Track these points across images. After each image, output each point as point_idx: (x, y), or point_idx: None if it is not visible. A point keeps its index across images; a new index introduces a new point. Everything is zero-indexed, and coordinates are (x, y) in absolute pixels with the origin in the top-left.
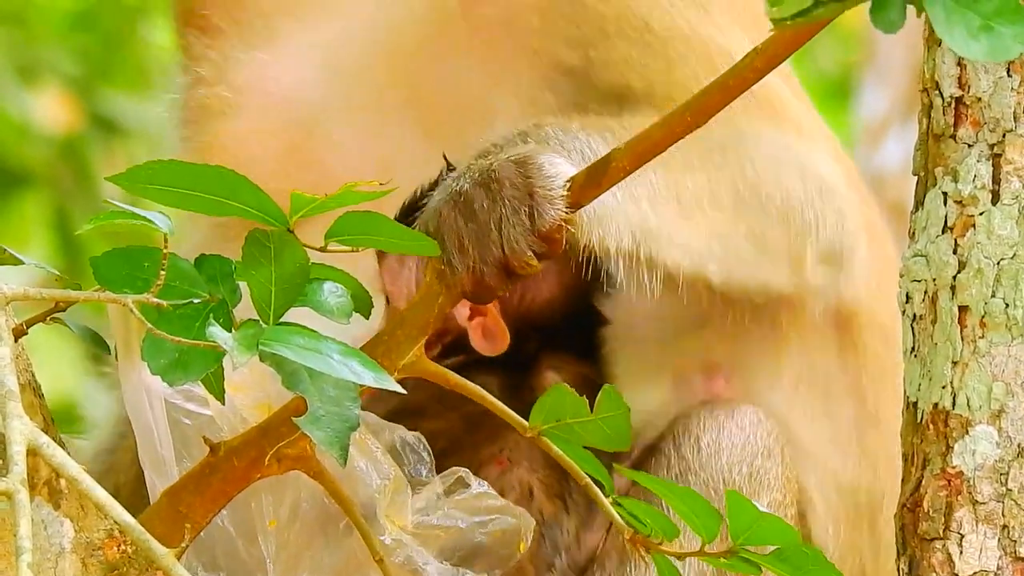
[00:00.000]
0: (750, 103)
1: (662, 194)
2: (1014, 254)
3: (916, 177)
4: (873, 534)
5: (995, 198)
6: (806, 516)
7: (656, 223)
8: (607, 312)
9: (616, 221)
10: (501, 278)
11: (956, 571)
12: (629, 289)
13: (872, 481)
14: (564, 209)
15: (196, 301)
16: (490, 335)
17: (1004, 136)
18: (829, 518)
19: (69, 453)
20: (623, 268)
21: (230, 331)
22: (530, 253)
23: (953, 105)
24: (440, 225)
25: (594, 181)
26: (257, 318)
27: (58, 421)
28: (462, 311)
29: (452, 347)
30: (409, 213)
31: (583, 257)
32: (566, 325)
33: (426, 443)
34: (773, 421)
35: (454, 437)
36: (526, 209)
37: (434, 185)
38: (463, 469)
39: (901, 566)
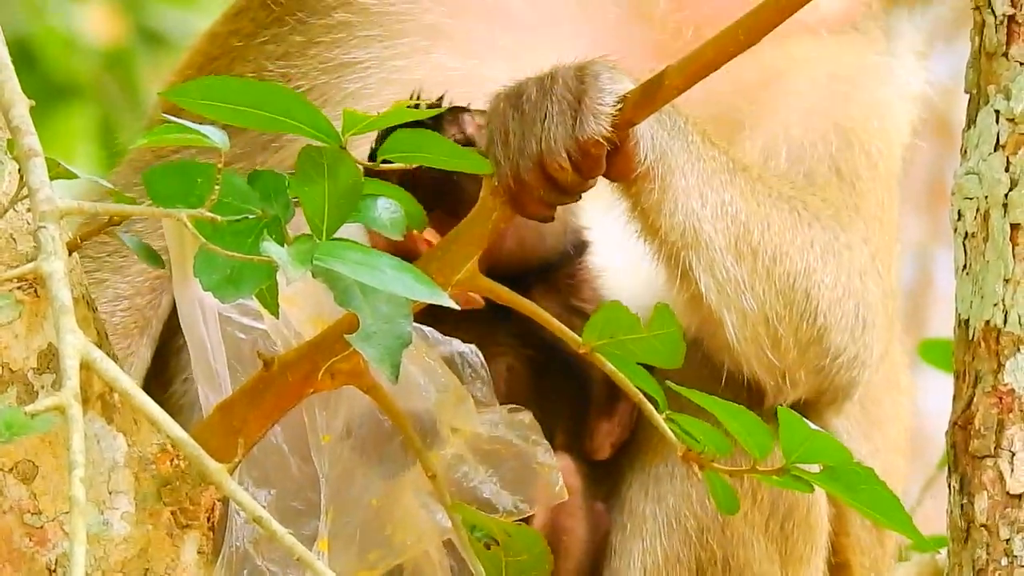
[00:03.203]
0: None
1: (728, 217)
2: None
3: (968, 95)
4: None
5: None
6: None
7: (708, 236)
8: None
9: (678, 200)
10: (537, 176)
11: (1007, 488)
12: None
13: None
14: (607, 127)
15: (249, 217)
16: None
17: None
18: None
19: (122, 367)
20: (662, 262)
21: (283, 246)
22: (564, 156)
23: (1005, 23)
24: (492, 115)
25: (648, 99)
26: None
27: None
28: None
29: None
30: None
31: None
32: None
33: (482, 356)
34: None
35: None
36: (571, 113)
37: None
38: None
39: (952, 484)
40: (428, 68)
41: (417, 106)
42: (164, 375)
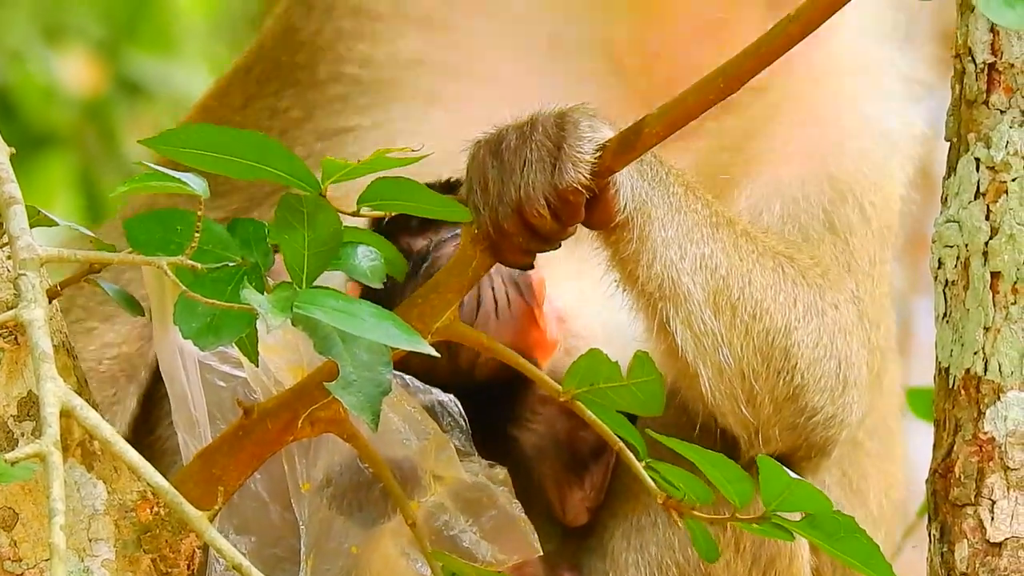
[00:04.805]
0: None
1: (707, 271)
2: None
3: (948, 143)
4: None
5: None
6: None
7: (686, 288)
8: None
9: (656, 250)
10: (517, 224)
11: (987, 537)
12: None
13: (856, 498)
14: (586, 174)
15: (230, 264)
16: None
17: None
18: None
19: (102, 415)
20: (639, 311)
21: (263, 294)
22: (543, 203)
23: (986, 71)
24: (471, 162)
25: (626, 147)
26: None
27: None
28: None
29: None
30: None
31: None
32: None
33: (460, 406)
34: None
35: None
36: (550, 160)
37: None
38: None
39: (932, 532)
40: (428, 130)
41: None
42: (147, 423)
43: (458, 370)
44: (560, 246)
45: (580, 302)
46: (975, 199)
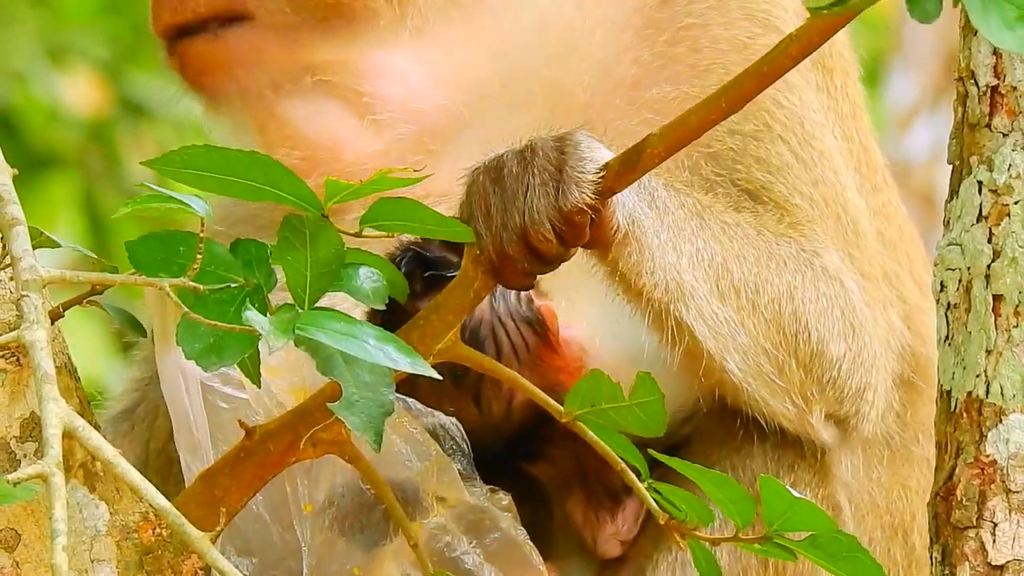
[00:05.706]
0: (834, 208)
1: (705, 263)
2: None
3: (951, 166)
4: (906, 546)
5: None
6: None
7: (690, 285)
8: None
9: (655, 258)
10: (521, 249)
11: (989, 559)
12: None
13: (903, 503)
14: (590, 194)
15: (232, 286)
16: None
17: None
18: (862, 532)
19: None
20: (651, 321)
21: (266, 315)
22: (548, 226)
23: (988, 94)
24: (471, 189)
25: (629, 167)
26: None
27: None
28: None
29: None
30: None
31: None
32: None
33: (462, 429)
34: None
35: None
36: (553, 184)
37: None
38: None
39: (934, 555)
40: None
41: None
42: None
43: (485, 437)
44: (559, 266)
45: (601, 327)
46: (977, 222)
